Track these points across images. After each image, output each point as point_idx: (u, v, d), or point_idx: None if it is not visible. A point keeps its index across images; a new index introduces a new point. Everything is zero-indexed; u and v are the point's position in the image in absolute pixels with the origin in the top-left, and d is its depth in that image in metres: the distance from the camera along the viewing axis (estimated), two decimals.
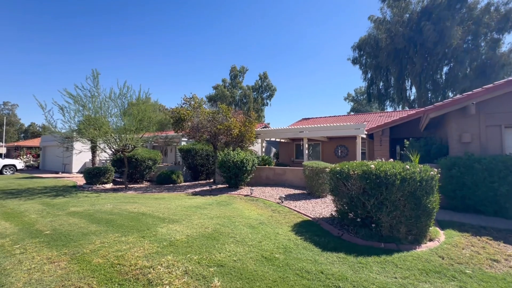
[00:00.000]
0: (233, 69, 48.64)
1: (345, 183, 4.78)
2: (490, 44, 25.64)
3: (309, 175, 8.17)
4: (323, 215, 5.90)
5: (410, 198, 4.13)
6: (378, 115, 18.19)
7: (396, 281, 2.99)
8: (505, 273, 3.19)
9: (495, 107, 6.53)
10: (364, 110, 51.96)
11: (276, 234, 4.61)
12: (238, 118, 11.76)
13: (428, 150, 8.13)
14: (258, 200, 7.73)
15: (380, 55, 29.62)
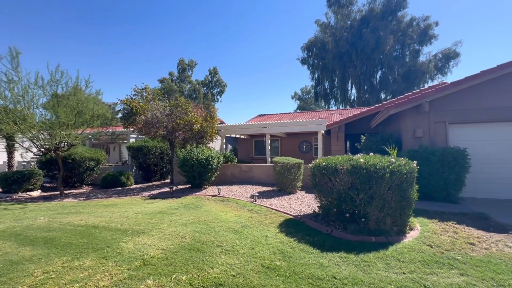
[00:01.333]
0: (181, 62, 45.94)
1: (331, 178, 4.67)
2: (413, 53, 29.92)
3: (280, 171, 7.99)
4: (303, 212, 5.74)
5: (397, 191, 4.23)
6: (329, 113, 19.36)
7: (407, 276, 2.93)
8: (486, 255, 3.47)
9: (441, 105, 7.38)
10: (309, 108, 55.11)
11: (266, 238, 4.21)
12: (199, 113, 10.88)
13: (384, 144, 8.80)
14: (229, 200, 7.19)
15: (327, 57, 31.75)
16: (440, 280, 2.85)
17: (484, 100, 7.03)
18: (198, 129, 10.22)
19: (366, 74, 31.39)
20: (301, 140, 15.97)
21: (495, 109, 6.91)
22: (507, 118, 6.81)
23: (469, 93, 7.16)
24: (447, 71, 29.05)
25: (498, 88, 6.90)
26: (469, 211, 5.69)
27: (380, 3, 29.33)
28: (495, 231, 4.43)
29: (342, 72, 32.16)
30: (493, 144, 6.99)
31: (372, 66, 30.60)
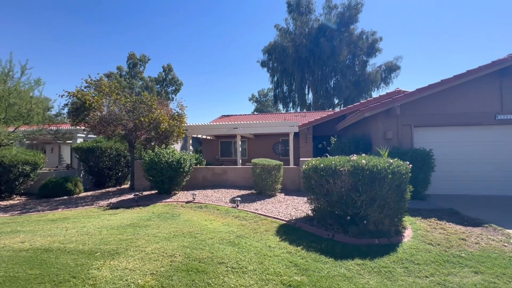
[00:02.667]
0: (131, 57, 42.22)
1: (330, 180, 4.50)
2: (361, 64, 32.82)
3: (260, 173, 7.62)
4: (294, 216, 5.48)
5: (396, 191, 4.25)
6: (293, 115, 19.80)
7: (431, 280, 2.86)
8: (481, 250, 3.67)
9: (407, 110, 7.99)
10: (266, 110, 56.02)
11: (270, 249, 3.78)
12: (165, 110, 9.83)
13: (356, 145, 9.20)
14: (208, 206, 6.52)
15: (287, 61, 32.69)
16: (463, 280, 2.84)
17: (443, 106, 7.84)
18: (165, 128, 9.18)
19: (322, 80, 33.28)
20: (274, 141, 15.88)
21: (453, 115, 7.76)
22: (462, 123, 7.70)
23: (431, 99, 7.89)
24: (389, 81, 32.62)
25: (455, 95, 7.76)
26: (439, 207, 6.18)
27: (335, 15, 31.48)
28: (470, 225, 4.81)
29: (300, 76, 33.48)
30: (450, 145, 7.83)
31: (328, 73, 32.60)
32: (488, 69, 7.38)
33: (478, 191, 7.59)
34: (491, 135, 7.67)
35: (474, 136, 7.72)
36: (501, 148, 7.61)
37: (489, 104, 7.64)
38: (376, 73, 31.09)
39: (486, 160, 7.65)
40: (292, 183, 8.70)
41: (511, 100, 7.52)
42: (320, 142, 16.46)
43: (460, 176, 7.66)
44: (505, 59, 7.29)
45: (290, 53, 31.83)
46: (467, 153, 7.71)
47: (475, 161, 7.69)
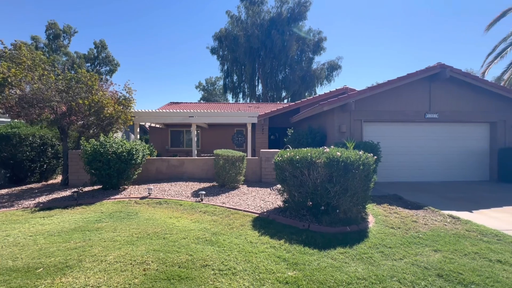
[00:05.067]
0: (51, 26, 35.29)
1: (305, 171, 4.55)
2: (308, 60, 34.71)
3: (223, 165, 7.30)
4: (264, 208, 5.41)
5: (364, 181, 4.57)
6: (247, 106, 19.70)
7: (406, 262, 3.14)
8: (432, 230, 4.25)
9: (358, 106, 8.72)
10: (213, 100, 54.59)
11: (252, 245, 3.61)
12: (110, 93, 8.45)
13: (313, 137, 9.67)
14: (168, 202, 5.93)
15: (238, 50, 32.15)
16: (429, 259, 3.21)
17: (387, 104, 8.82)
18: (109, 114, 7.90)
19: (272, 72, 33.99)
20: (229, 131, 15.45)
21: (394, 112, 8.81)
22: (402, 119, 8.83)
23: (378, 98, 8.77)
24: (331, 79, 35.39)
25: (396, 95, 8.80)
26: (386, 193, 7.00)
27: (286, 10, 32.22)
28: (414, 208, 5.56)
29: (252, 67, 33.45)
30: (392, 139, 8.91)
31: (278, 66, 33.45)
32: (422, 74, 8.57)
33: (414, 178, 8.93)
34: (422, 131, 9.04)
35: (410, 131, 8.98)
36: (429, 141, 9.06)
37: (421, 104, 8.94)
38: (321, 71, 33.30)
39: (419, 152, 9.01)
40: (253, 175, 8.64)
41: (437, 102, 8.94)
42: (273, 133, 16.86)
43: (400, 165, 8.85)
44: (434, 66, 8.57)
45: (241, 43, 31.36)
46: (405, 145, 8.93)
47: (411, 153, 8.98)
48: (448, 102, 8.94)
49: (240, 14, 33.49)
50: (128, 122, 9.17)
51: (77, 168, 7.81)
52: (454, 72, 8.42)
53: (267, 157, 8.35)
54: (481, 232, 4.13)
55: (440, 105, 8.92)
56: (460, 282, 2.69)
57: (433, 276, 2.81)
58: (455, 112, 8.95)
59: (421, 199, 6.37)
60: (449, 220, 4.75)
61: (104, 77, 38.63)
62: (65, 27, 36.48)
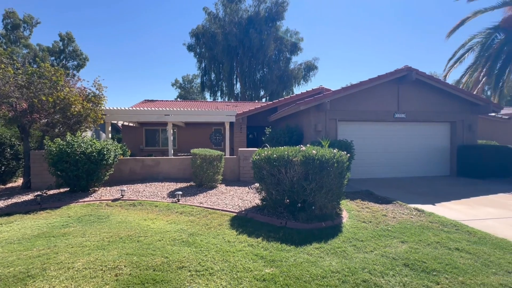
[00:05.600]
0: (10, 15, 32.38)
1: (283, 169, 4.63)
2: (286, 60, 35.19)
3: (201, 164, 7.18)
4: (244, 207, 5.41)
5: (338, 178, 4.74)
6: (225, 104, 19.54)
7: (376, 254, 3.32)
8: (399, 222, 4.53)
9: (333, 106, 9.02)
10: (191, 98, 53.42)
11: (230, 244, 3.60)
12: (77, 89, 7.93)
13: (290, 136, 9.84)
14: (142, 203, 5.71)
15: (216, 48, 31.74)
16: (397, 250, 3.42)
17: (360, 104, 9.22)
18: (77, 112, 7.42)
19: (250, 71, 34.00)
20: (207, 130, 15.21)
21: (366, 112, 9.23)
22: (373, 119, 9.27)
23: (351, 98, 9.14)
24: (308, 79, 36.22)
25: (368, 96, 9.23)
26: (359, 189, 7.32)
27: (264, 9, 32.35)
28: (384, 203, 5.89)
29: (229, 65, 33.20)
30: (364, 137, 9.34)
31: (256, 65, 33.53)
32: (391, 76, 9.07)
33: (385, 174, 9.44)
34: (392, 130, 9.58)
35: (381, 130, 9.47)
36: (398, 140, 9.63)
37: (391, 104, 9.46)
38: (298, 71, 33.95)
39: (389, 149, 9.54)
40: (232, 174, 8.61)
41: (404, 103, 9.52)
42: (252, 132, 16.90)
43: (372, 163, 9.30)
44: (402, 69, 9.12)
45: (219, 40, 31.01)
46: (376, 144, 9.40)
47: (382, 150, 9.48)
48: (414, 103, 9.56)
49: (217, 11, 33.08)
50: (98, 121, 8.67)
51: (41, 170, 7.25)
52: (419, 74, 9.01)
53: (245, 156, 8.35)
54: (442, 223, 4.48)
55: (407, 106, 9.51)
56: (424, 270, 2.90)
57: (400, 266, 3.00)
58: (420, 112, 9.59)
59: (391, 194, 6.76)
60: (415, 213, 5.09)
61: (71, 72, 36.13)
62: (26, 17, 33.63)
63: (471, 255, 3.27)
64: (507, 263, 3.06)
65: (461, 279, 2.71)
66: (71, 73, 34.68)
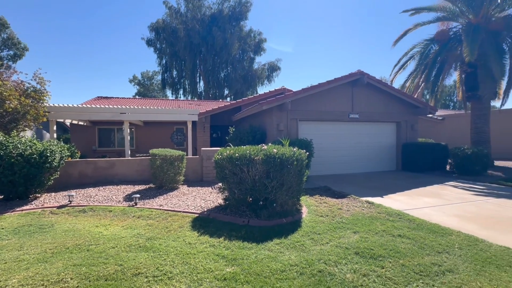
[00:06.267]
0: None
1: (245, 168, 4.67)
2: (249, 60, 35.45)
3: (161, 165, 6.87)
4: (206, 208, 5.33)
5: (298, 175, 4.95)
6: (187, 103, 18.97)
7: (332, 245, 3.55)
8: (353, 215, 4.89)
9: (294, 106, 9.37)
10: (151, 95, 50.77)
11: (191, 246, 3.52)
12: (13, 83, 6.96)
13: (254, 135, 9.95)
14: (94, 209, 5.27)
15: (177, 44, 30.58)
16: (349, 240, 3.71)
17: (319, 105, 9.72)
18: (13, 108, 6.52)
19: (214, 69, 33.51)
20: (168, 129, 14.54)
21: (325, 112, 9.78)
22: (330, 119, 9.86)
23: (311, 98, 9.60)
24: (272, 79, 36.96)
25: (326, 97, 9.79)
26: (318, 186, 7.73)
27: (227, 7, 32.12)
28: (340, 197, 6.32)
29: (192, 63, 32.26)
30: (322, 136, 9.88)
31: (220, 64, 33.17)
32: (346, 79, 9.74)
33: (342, 171, 10.11)
34: (346, 129, 10.30)
35: (338, 129, 10.13)
36: (353, 138, 10.39)
37: (346, 105, 10.17)
38: (262, 71, 34.46)
39: (345, 147, 10.24)
40: (194, 174, 8.40)
41: (358, 104, 10.31)
42: (215, 131, 16.68)
43: (330, 160, 9.89)
44: (355, 73, 9.86)
45: (181, 37, 29.95)
46: (334, 142, 10.03)
47: (339, 148, 10.13)
48: (366, 104, 10.41)
49: (179, 6, 31.91)
50: (40, 119, 7.74)
51: None
52: (370, 78, 9.85)
53: (208, 156, 8.22)
54: (388, 213, 4.97)
55: (360, 107, 10.32)
56: (372, 256, 3.19)
57: (352, 254, 3.25)
58: (371, 113, 10.48)
59: (346, 189, 7.27)
60: (366, 205, 5.56)
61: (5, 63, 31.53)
62: None
63: (411, 240, 3.69)
64: (437, 245, 3.52)
65: (402, 262, 3.05)
66: (5, 64, 30.26)
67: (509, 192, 6.89)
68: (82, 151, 13.20)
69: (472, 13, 11.09)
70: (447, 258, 3.17)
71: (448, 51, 11.51)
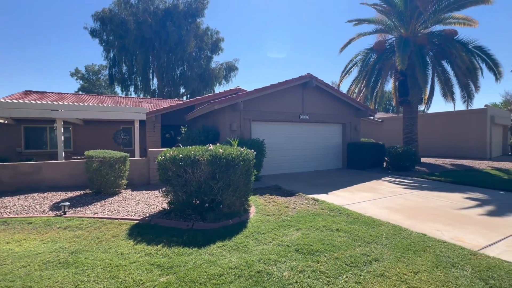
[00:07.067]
0: None
1: (189, 169, 4.47)
2: (206, 59, 34.66)
3: (98, 168, 6.21)
4: (149, 213, 4.96)
5: (245, 175, 4.93)
6: (137, 101, 17.66)
7: (274, 244, 3.59)
8: (298, 212, 5.06)
9: (248, 106, 9.41)
10: (97, 92, 46.29)
11: (123, 257, 3.20)
12: None
13: (206, 135, 9.69)
14: (8, 222, 4.49)
15: (127, 37, 28.35)
16: (292, 237, 3.80)
17: (271, 105, 9.92)
18: None
19: (168, 67, 31.92)
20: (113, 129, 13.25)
21: (277, 113, 10.01)
22: (282, 119, 10.14)
23: (264, 99, 9.74)
24: (229, 79, 36.76)
25: (278, 98, 10.04)
26: (269, 185, 7.87)
27: (183, 3, 30.93)
28: (288, 196, 6.51)
29: (144, 58, 30.25)
30: (275, 136, 10.11)
31: (175, 61, 31.72)
32: (297, 81, 10.14)
33: (294, 170, 10.46)
34: (297, 129, 10.73)
35: (289, 130, 10.47)
36: (303, 138, 10.85)
37: (297, 107, 10.58)
38: (219, 70, 34.04)
39: (296, 147, 10.64)
40: (141, 177, 7.82)
41: (308, 105, 10.82)
42: (168, 131, 15.85)
43: (283, 159, 10.16)
44: (305, 76, 10.33)
45: (131, 29, 27.86)
46: (286, 142, 10.34)
47: (291, 148, 10.49)
48: (315, 106, 10.99)
49: None
50: None
51: None
52: (318, 81, 10.42)
53: (155, 157, 7.67)
54: (330, 209, 5.27)
55: (310, 108, 10.85)
56: (310, 252, 3.31)
57: (292, 252, 3.33)
58: (320, 114, 11.10)
59: (296, 187, 7.54)
60: (312, 202, 5.81)
61: None
62: None
63: (346, 233, 3.95)
64: (368, 236, 3.83)
65: (336, 255, 3.22)
66: None
67: (431, 185, 7.95)
68: (4, 153, 11.29)
69: (403, 28, 12.58)
70: (375, 248, 3.46)
71: (384, 60, 12.86)
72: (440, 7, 11.65)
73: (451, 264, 3.02)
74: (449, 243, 3.59)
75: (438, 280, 2.69)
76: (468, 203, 5.84)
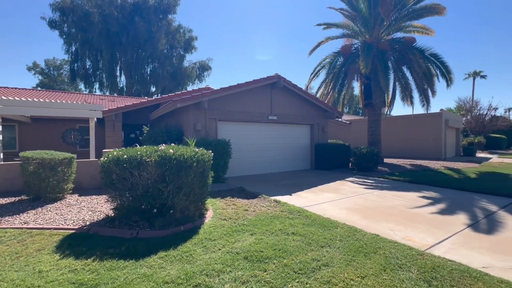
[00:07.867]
0: None
1: (135, 172, 4.06)
2: (179, 57, 33.60)
3: (36, 171, 5.50)
4: (90, 221, 4.44)
5: (200, 178, 4.61)
6: (99, 98, 16.45)
7: (223, 251, 3.33)
8: (256, 215, 4.84)
9: (214, 105, 9.08)
10: (59, 88, 42.80)
11: (40, 275, 2.73)
12: None
13: (169, 135, 9.17)
14: None
15: (91, 30, 26.53)
16: (244, 243, 3.56)
17: (239, 105, 9.68)
18: None
19: (137, 64, 30.42)
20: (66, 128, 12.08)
21: (244, 113, 9.80)
22: (250, 119, 9.95)
23: (230, 99, 9.47)
24: (203, 79, 36.00)
25: (246, 98, 9.83)
26: (233, 187, 7.59)
27: None
28: (251, 198, 6.29)
29: (110, 54, 28.52)
30: (242, 136, 9.88)
31: (145, 58, 30.31)
32: (264, 81, 10.02)
33: (261, 171, 10.29)
34: (265, 130, 10.60)
35: (257, 130, 10.31)
36: (271, 139, 10.75)
37: (265, 107, 10.45)
38: (192, 69, 33.18)
39: (264, 148, 10.50)
40: (92, 180, 7.13)
41: (276, 106, 10.74)
42: (133, 131, 14.91)
43: (250, 160, 9.95)
44: (273, 76, 10.25)
45: (95, 22, 26.14)
46: (253, 142, 10.15)
47: (258, 149, 10.31)
48: (283, 107, 10.95)
49: None
50: None
51: None
52: (286, 82, 10.39)
53: None
54: (290, 211, 5.13)
55: (278, 109, 10.79)
56: (259, 259, 3.09)
57: (240, 260, 3.09)
58: (288, 115, 11.09)
59: (260, 188, 7.35)
60: (273, 204, 5.65)
61: None
62: None
63: (301, 237, 3.80)
64: (323, 239, 3.72)
65: (285, 262, 3.04)
66: None
67: (390, 185, 8.23)
68: None
69: (368, 33, 13.08)
70: (327, 252, 3.34)
71: (350, 64, 13.27)
72: (400, 15, 12.28)
73: (399, 266, 2.98)
74: (399, 244, 3.59)
75: (384, 284, 2.61)
76: (422, 202, 6.06)
